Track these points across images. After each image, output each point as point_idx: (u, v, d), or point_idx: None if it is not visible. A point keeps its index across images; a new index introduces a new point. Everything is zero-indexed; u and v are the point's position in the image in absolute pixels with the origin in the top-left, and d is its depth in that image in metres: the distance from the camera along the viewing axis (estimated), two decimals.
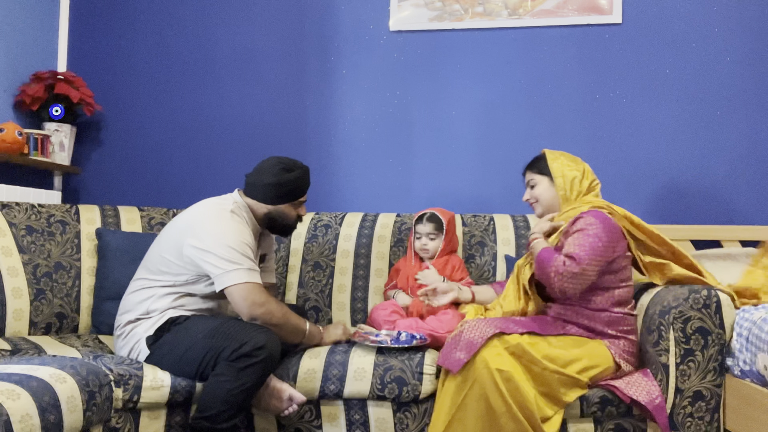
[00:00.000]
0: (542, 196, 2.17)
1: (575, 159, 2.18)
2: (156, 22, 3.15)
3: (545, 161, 2.17)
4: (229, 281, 1.94)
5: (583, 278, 1.94)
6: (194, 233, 2.00)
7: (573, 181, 2.12)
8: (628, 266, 2.08)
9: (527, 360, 1.89)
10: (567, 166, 2.14)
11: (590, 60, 2.88)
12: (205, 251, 1.96)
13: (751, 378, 1.82)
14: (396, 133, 3.00)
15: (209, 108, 3.11)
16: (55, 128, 2.93)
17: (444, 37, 2.98)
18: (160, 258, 2.06)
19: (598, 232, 1.96)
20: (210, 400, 1.85)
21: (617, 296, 2.04)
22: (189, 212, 2.10)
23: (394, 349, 2.06)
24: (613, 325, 2.02)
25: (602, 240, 1.96)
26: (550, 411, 1.89)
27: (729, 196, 2.79)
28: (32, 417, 1.45)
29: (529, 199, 2.21)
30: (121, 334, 2.07)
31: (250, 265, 1.98)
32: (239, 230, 2.01)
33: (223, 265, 1.94)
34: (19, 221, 2.37)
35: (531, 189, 2.21)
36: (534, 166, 2.21)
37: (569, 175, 2.13)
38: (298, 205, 2.21)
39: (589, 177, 2.16)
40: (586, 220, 2.00)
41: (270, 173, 2.12)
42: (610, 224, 2.00)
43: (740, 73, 2.79)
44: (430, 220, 2.46)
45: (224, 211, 2.05)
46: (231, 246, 1.96)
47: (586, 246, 1.95)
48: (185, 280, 2.04)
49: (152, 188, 3.11)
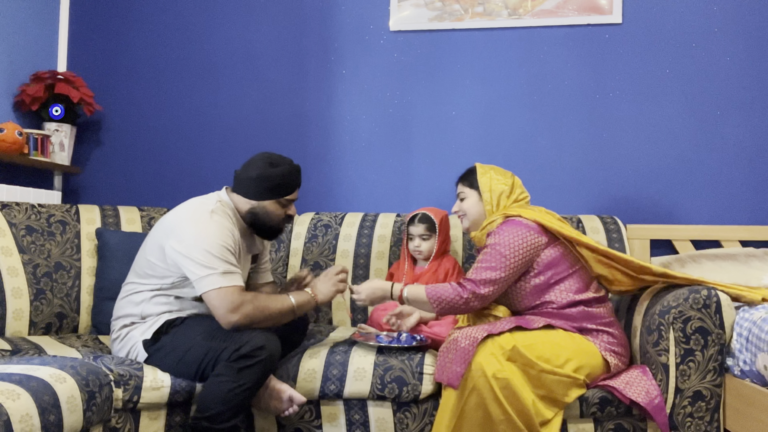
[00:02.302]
0: (470, 211, 2.20)
1: (505, 173, 2.20)
2: (156, 23, 3.15)
3: (476, 175, 2.19)
4: (204, 287, 1.89)
5: (492, 294, 1.99)
6: (175, 235, 1.95)
7: (500, 196, 2.15)
8: (565, 254, 2.07)
9: (523, 363, 1.88)
10: (495, 180, 2.16)
11: (590, 60, 2.89)
12: (184, 256, 1.92)
13: (751, 378, 1.82)
14: (396, 133, 3.00)
15: (209, 108, 3.11)
16: (55, 128, 2.93)
17: (444, 37, 2.98)
18: (146, 262, 2.03)
19: (503, 241, 2.00)
20: (210, 401, 1.85)
21: (574, 283, 2.05)
22: (172, 213, 2.06)
23: (394, 349, 2.06)
24: (592, 318, 2.03)
25: (510, 246, 1.99)
26: (550, 413, 1.89)
27: (729, 196, 2.79)
28: (32, 417, 1.45)
29: (457, 212, 2.23)
30: (117, 338, 2.06)
31: (226, 268, 1.91)
32: (218, 232, 1.95)
33: (198, 270, 1.90)
34: (19, 221, 2.37)
35: (461, 202, 2.23)
36: (465, 179, 2.23)
37: (497, 189, 2.15)
38: (286, 204, 2.10)
39: (517, 191, 2.18)
40: (492, 238, 2.04)
41: (255, 167, 2.07)
42: (516, 229, 2.02)
43: (740, 73, 2.79)
44: (421, 220, 2.45)
45: (204, 212, 1.99)
46: (206, 249, 1.90)
47: (486, 264, 2.00)
48: (171, 282, 2.01)
49: (152, 188, 3.11)
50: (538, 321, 2.01)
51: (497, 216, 2.11)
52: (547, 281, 2.05)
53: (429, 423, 1.99)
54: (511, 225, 2.04)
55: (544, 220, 2.06)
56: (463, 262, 2.63)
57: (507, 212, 2.11)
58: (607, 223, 2.67)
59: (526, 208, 2.12)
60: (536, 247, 2.03)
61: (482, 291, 1.98)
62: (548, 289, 2.05)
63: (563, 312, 2.04)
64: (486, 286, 1.99)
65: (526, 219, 2.05)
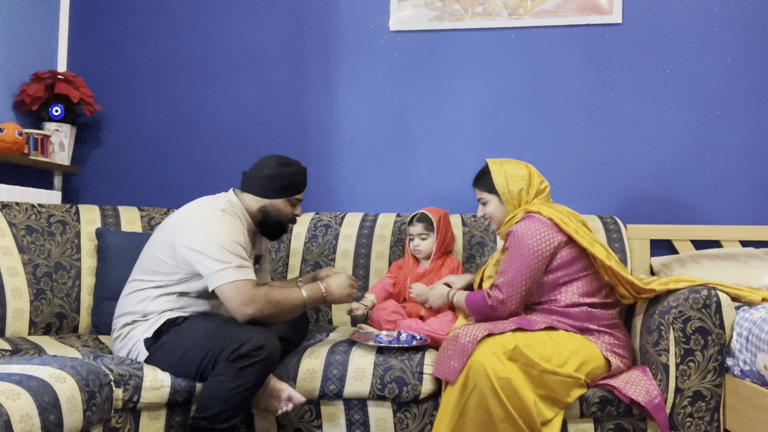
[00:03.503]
0: (495, 215, 2.21)
1: (518, 165, 2.20)
2: (156, 23, 3.15)
3: (491, 176, 2.19)
4: (218, 281, 1.93)
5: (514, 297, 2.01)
6: (185, 232, 1.99)
7: (520, 193, 2.16)
8: (579, 256, 2.07)
9: (524, 363, 1.88)
10: (512, 178, 2.16)
11: (590, 60, 2.88)
12: (196, 251, 1.95)
13: (751, 378, 1.82)
14: (396, 133, 3.00)
15: (209, 108, 3.11)
16: (55, 128, 2.93)
17: (444, 37, 2.98)
18: (153, 258, 2.06)
19: (520, 242, 2.02)
20: (210, 400, 1.85)
21: (582, 287, 2.05)
22: (180, 212, 2.09)
23: (394, 349, 2.06)
24: (594, 320, 2.03)
25: (528, 247, 2.01)
26: (551, 413, 1.89)
27: (729, 196, 2.78)
28: (32, 417, 1.45)
29: (483, 216, 2.25)
30: (118, 337, 2.07)
31: (240, 262, 1.96)
32: (230, 229, 2.00)
33: (212, 265, 1.93)
34: (19, 221, 2.37)
35: (483, 206, 2.24)
36: (482, 183, 2.23)
37: (515, 188, 2.15)
38: (294, 203, 2.19)
39: (535, 183, 2.18)
40: (512, 237, 2.06)
41: (267, 166, 2.15)
42: (534, 227, 2.03)
43: (740, 73, 2.79)
44: (419, 220, 2.47)
45: (215, 210, 2.04)
46: (220, 245, 1.94)
47: (508, 268, 2.02)
48: (178, 279, 2.04)
49: (152, 188, 3.11)
50: (539, 322, 2.01)
51: (519, 210, 2.14)
52: (557, 280, 2.06)
53: (429, 423, 1.99)
54: (529, 221, 2.05)
55: (559, 219, 2.05)
56: (463, 262, 2.63)
57: (528, 208, 2.12)
58: (607, 223, 2.67)
59: (547, 205, 2.12)
60: (554, 245, 2.03)
61: (502, 296, 2.01)
62: (557, 287, 2.06)
63: (567, 311, 2.04)
64: (506, 290, 2.01)
65: (543, 216, 2.06)
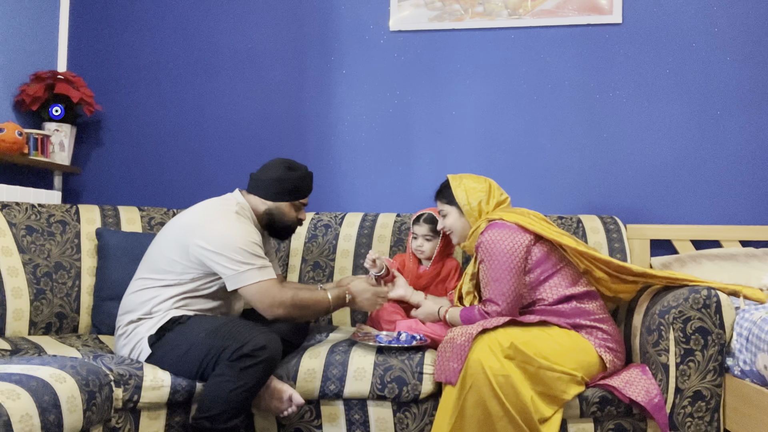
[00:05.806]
0: (454, 227, 2.24)
1: (478, 179, 2.24)
2: (156, 22, 3.15)
3: (451, 189, 2.22)
4: (243, 281, 1.97)
5: (510, 304, 2.03)
6: (201, 234, 2.00)
7: (480, 204, 2.19)
8: (550, 251, 2.10)
9: (522, 360, 1.89)
10: (471, 189, 2.20)
11: (590, 60, 2.88)
12: (216, 253, 1.98)
13: (751, 378, 1.82)
14: (396, 133, 3.00)
15: (209, 108, 3.11)
16: (55, 128, 2.93)
17: (444, 37, 2.98)
18: (164, 257, 2.06)
19: (494, 249, 2.05)
20: (210, 400, 1.85)
21: (563, 279, 2.08)
22: (192, 212, 2.11)
23: (394, 349, 2.06)
24: (585, 315, 2.05)
25: (503, 252, 2.04)
26: (549, 411, 1.89)
27: (729, 196, 2.78)
28: (32, 417, 1.45)
29: (443, 228, 2.28)
30: (122, 334, 2.07)
31: (261, 263, 2.00)
32: (246, 230, 2.03)
33: (235, 266, 1.97)
34: (19, 221, 2.37)
35: (443, 219, 2.27)
36: (442, 196, 2.27)
37: (475, 199, 2.19)
38: (299, 207, 2.22)
39: (495, 195, 2.22)
40: (482, 248, 2.08)
41: (274, 170, 2.17)
42: (501, 232, 2.06)
43: (740, 73, 2.79)
44: (426, 221, 2.45)
45: (229, 212, 2.07)
46: (241, 247, 1.98)
47: (492, 280, 2.04)
48: (191, 278, 2.05)
49: (152, 188, 3.11)
50: (532, 318, 2.02)
51: (481, 221, 2.16)
52: (537, 278, 2.08)
53: (429, 423, 1.99)
54: (495, 229, 2.08)
55: (523, 221, 2.09)
56: (462, 263, 2.63)
57: (490, 216, 2.15)
58: (607, 223, 2.67)
59: (507, 211, 2.16)
60: (525, 245, 2.07)
61: (500, 307, 2.03)
62: (539, 286, 2.09)
63: (556, 308, 2.06)
64: (500, 299, 2.03)
65: (507, 221, 2.09)
